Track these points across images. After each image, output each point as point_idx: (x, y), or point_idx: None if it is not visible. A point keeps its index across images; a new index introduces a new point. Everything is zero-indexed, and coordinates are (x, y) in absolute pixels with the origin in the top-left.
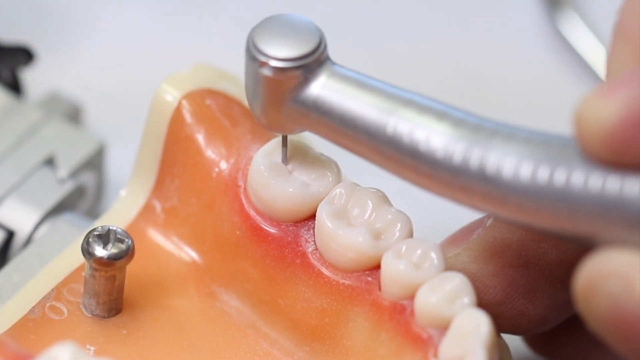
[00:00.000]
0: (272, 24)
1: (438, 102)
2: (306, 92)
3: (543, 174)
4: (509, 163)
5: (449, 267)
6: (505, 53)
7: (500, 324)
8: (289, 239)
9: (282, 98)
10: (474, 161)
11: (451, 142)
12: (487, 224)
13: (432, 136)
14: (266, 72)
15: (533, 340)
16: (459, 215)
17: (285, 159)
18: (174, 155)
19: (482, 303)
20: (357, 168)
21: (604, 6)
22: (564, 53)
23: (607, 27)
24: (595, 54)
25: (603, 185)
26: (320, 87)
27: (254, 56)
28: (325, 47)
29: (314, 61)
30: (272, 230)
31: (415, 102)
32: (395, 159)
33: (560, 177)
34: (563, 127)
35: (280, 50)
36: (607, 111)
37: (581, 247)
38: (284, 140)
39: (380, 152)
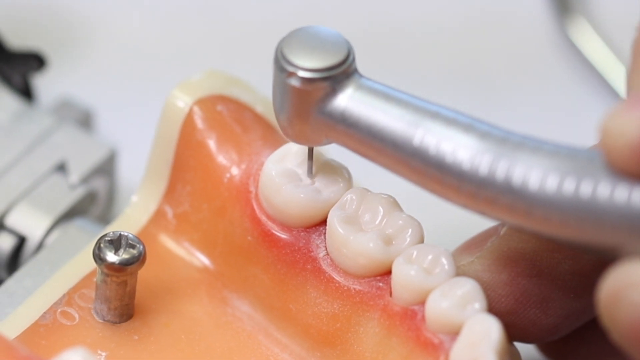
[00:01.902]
0: (300, 36)
1: (464, 115)
2: (333, 104)
3: (569, 186)
4: (535, 175)
5: (461, 274)
6: (514, 59)
7: (512, 333)
8: (300, 244)
9: (309, 109)
10: (500, 173)
11: (477, 154)
12: (501, 233)
13: (459, 148)
14: (294, 82)
15: (545, 347)
16: (470, 222)
17: (311, 172)
18: (186, 161)
19: (494, 312)
20: (368, 174)
21: (614, 13)
22: (574, 59)
23: (617, 34)
24: (605, 60)
25: (629, 197)
26: (348, 99)
27: (282, 67)
28: (354, 59)
29: (341, 73)
30: (283, 235)
31: (442, 115)
32: (421, 171)
33: (586, 189)
34: (572, 131)
35: (308, 61)
36: (632, 125)
37: (597, 258)
38: (310, 152)
39: (406, 164)
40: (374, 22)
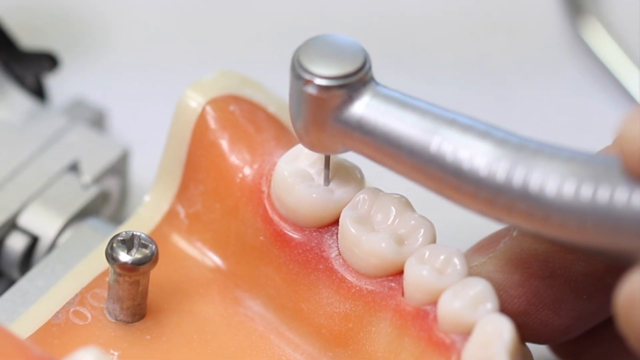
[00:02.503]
0: (317, 44)
1: (480, 122)
2: (350, 112)
3: (586, 192)
4: (552, 181)
5: (474, 275)
6: (527, 60)
7: (524, 334)
8: (313, 244)
9: (325, 117)
10: (517, 179)
11: (494, 161)
12: (514, 234)
13: (476, 155)
14: (310, 90)
15: (557, 347)
16: (481, 222)
17: (328, 180)
18: (198, 161)
19: (506, 313)
20: (380, 174)
21: (626, 14)
22: (586, 60)
23: (629, 35)
24: (617, 61)
25: None
26: (364, 107)
27: (298, 74)
28: (370, 67)
29: (358, 80)
30: (295, 235)
31: (458, 122)
32: (438, 178)
33: (603, 194)
34: (584, 132)
35: (325, 69)
36: None
37: (612, 261)
38: (327, 161)
39: (423, 171)
40: (389, 22)
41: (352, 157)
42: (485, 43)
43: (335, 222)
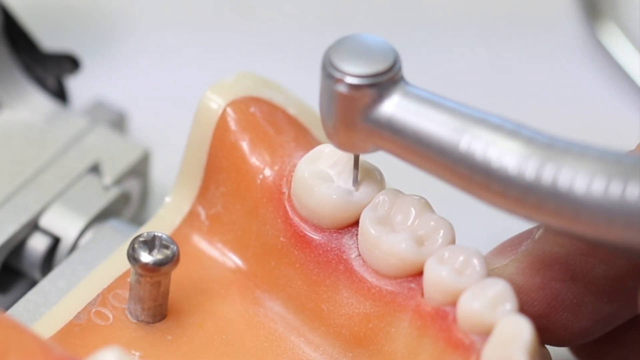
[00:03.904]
0: (348, 43)
1: (510, 121)
2: (380, 111)
3: (615, 189)
4: (581, 179)
5: (495, 277)
6: (545, 63)
7: (544, 336)
8: (333, 245)
9: (355, 116)
10: (546, 178)
11: (524, 160)
12: (536, 236)
13: (505, 154)
14: (341, 89)
15: (577, 348)
16: (501, 224)
17: (357, 180)
18: (219, 162)
19: (526, 315)
20: (399, 175)
21: None
22: (605, 63)
23: None
24: (635, 64)
25: None
26: (394, 106)
27: (329, 73)
28: (400, 67)
29: (388, 80)
30: (315, 236)
31: (488, 121)
32: (467, 177)
33: (632, 192)
34: (602, 134)
35: (356, 67)
36: None
37: (632, 263)
38: (356, 161)
39: (452, 170)
40: (407, 22)
41: (370, 159)
42: (503, 46)
43: (355, 223)
